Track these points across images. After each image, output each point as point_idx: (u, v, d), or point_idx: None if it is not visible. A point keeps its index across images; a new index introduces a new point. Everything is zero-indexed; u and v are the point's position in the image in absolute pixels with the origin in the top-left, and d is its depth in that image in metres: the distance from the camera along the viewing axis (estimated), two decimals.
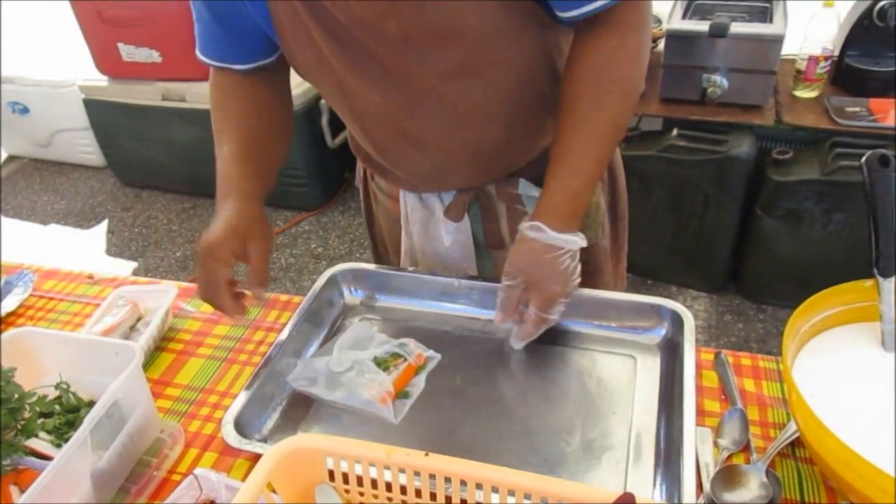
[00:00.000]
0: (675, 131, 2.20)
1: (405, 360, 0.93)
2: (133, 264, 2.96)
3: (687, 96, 2.19)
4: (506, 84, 0.90)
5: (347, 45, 0.84)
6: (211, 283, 0.89)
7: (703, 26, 2.05)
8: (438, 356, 0.95)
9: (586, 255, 1.09)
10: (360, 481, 0.70)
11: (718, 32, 2.01)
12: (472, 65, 0.86)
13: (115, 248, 3.10)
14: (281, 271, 2.82)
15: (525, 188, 1.02)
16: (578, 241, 0.87)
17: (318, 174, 3.04)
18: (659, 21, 2.41)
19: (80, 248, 3.12)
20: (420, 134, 0.94)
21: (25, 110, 3.52)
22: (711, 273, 2.42)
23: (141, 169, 3.38)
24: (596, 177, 0.89)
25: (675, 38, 2.11)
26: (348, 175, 3.22)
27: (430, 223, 1.08)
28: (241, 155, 0.96)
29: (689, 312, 0.94)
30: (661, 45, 2.22)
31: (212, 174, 0.96)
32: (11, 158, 3.89)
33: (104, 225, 3.26)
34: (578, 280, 0.90)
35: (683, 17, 2.18)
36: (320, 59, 0.88)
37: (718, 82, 2.10)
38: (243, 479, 0.76)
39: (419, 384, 0.92)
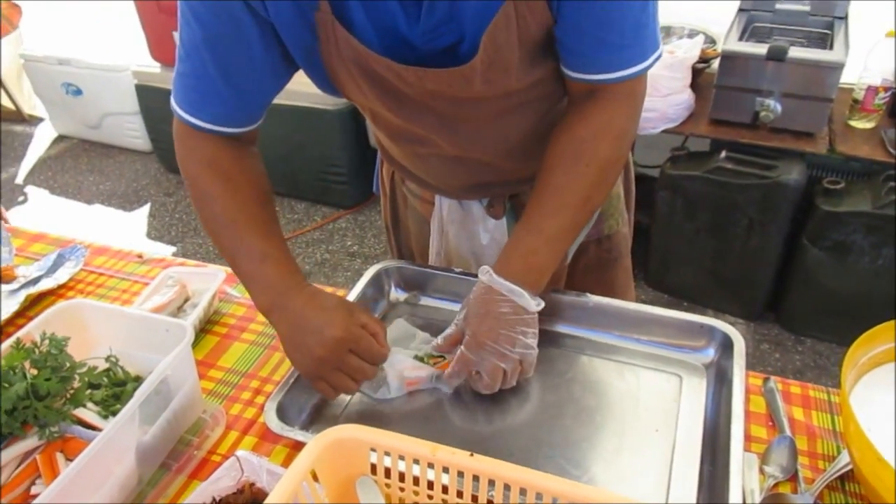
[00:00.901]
0: (723, 153, 2.17)
1: (445, 359, 0.93)
2: (172, 248, 3.01)
3: (738, 119, 2.16)
4: (550, 107, 0.94)
5: (406, 104, 0.87)
6: (345, 384, 0.85)
7: (760, 49, 2.02)
8: None
9: (608, 244, 1.15)
10: (401, 477, 0.70)
11: (776, 56, 1.98)
12: (526, 102, 0.90)
13: (156, 231, 3.15)
14: (315, 266, 2.84)
15: None
16: (526, 297, 0.84)
17: (359, 173, 3.06)
18: (713, 42, 2.39)
19: (123, 230, 3.18)
20: (472, 157, 0.97)
21: (79, 92, 3.61)
22: (750, 300, 2.38)
23: None
24: (560, 241, 0.88)
25: (729, 59, 2.08)
26: None
27: (467, 222, 1.10)
28: (278, 244, 0.88)
29: (739, 335, 0.92)
30: (715, 65, 2.20)
31: None
32: (61, 138, 3.99)
33: (146, 208, 3.32)
34: (526, 342, 0.85)
35: (740, 38, 2.15)
36: (373, 107, 0.91)
37: (772, 106, 2.07)
38: (282, 465, 0.76)
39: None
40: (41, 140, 3.99)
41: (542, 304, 0.86)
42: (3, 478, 0.76)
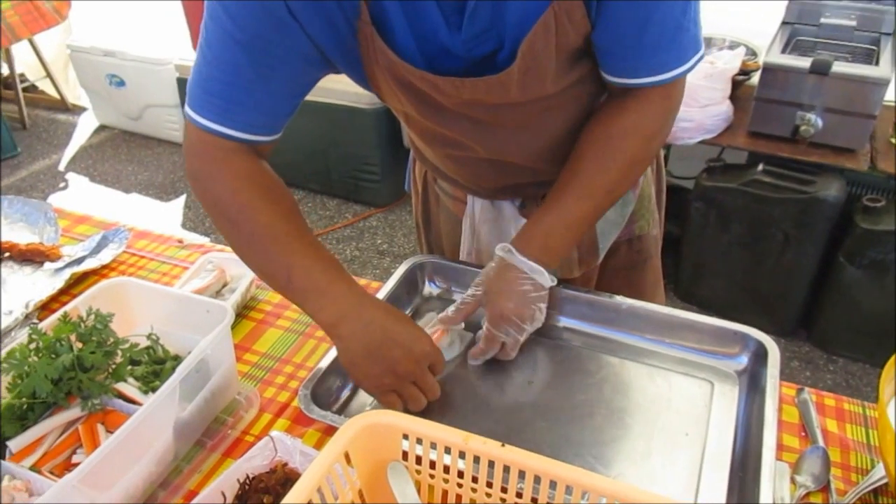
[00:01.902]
0: (760, 166, 2.15)
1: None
2: (206, 239, 3.05)
3: (777, 132, 2.13)
4: (584, 107, 0.94)
5: (441, 111, 0.87)
6: (419, 400, 0.86)
7: (803, 62, 1.99)
8: None
9: (639, 244, 1.16)
10: (432, 465, 0.71)
11: (820, 70, 1.95)
12: (560, 104, 0.91)
13: (190, 222, 3.21)
14: (345, 263, 2.87)
15: None
16: (546, 275, 0.89)
17: (391, 172, 3.09)
18: (754, 54, 2.36)
19: (159, 219, 3.25)
20: (506, 160, 0.97)
21: (122, 83, 3.69)
22: (782, 316, 2.34)
23: None
24: (579, 226, 0.91)
25: (771, 72, 2.06)
26: None
27: (499, 222, 1.10)
28: (328, 255, 0.87)
29: (773, 343, 0.92)
30: (755, 78, 2.18)
31: (289, 160, 0.91)
32: (103, 128, 4.09)
33: (182, 199, 3.38)
34: (540, 316, 0.91)
35: (783, 51, 2.12)
36: (407, 112, 0.92)
37: (813, 121, 2.04)
38: (314, 448, 0.78)
39: None
40: (83, 129, 4.09)
41: (556, 280, 0.92)
42: (45, 445, 0.79)
